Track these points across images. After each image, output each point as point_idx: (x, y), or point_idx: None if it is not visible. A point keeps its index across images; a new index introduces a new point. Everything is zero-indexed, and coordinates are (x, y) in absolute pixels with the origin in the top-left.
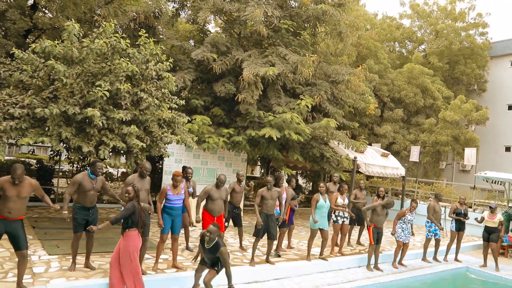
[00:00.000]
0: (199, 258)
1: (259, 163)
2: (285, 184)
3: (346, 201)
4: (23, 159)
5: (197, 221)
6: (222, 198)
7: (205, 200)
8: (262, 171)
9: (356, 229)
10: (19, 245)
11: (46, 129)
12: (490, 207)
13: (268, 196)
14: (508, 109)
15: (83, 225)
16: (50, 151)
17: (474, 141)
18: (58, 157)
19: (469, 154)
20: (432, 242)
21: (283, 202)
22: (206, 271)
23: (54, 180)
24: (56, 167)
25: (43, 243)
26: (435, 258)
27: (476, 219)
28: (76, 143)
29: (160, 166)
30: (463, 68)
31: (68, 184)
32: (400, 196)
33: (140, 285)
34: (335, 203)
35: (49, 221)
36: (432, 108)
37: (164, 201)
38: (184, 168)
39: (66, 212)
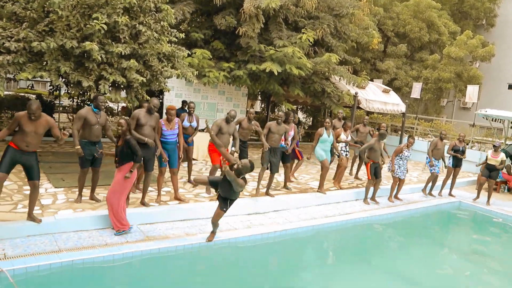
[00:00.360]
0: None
1: (259, 98)
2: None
3: (349, 137)
4: (22, 94)
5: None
6: (229, 133)
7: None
8: (263, 105)
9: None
10: (32, 175)
11: (44, 64)
12: (494, 145)
13: (275, 130)
14: None
15: (89, 160)
16: (50, 86)
17: (477, 78)
18: (57, 92)
19: (471, 91)
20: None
21: (289, 139)
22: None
23: (55, 115)
24: (56, 102)
25: (49, 177)
26: (429, 193)
27: (476, 165)
28: (76, 78)
29: (161, 100)
30: (473, 1)
31: (69, 119)
32: (399, 132)
33: (118, 215)
34: (338, 138)
35: (53, 155)
36: (437, 44)
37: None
38: (184, 102)
39: (79, 147)
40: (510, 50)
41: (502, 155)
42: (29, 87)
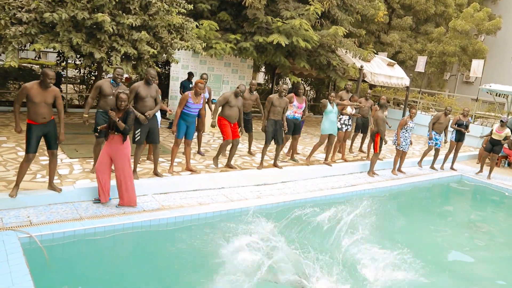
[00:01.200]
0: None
1: (262, 70)
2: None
3: (354, 111)
4: (25, 64)
5: (212, 126)
6: (238, 106)
7: (221, 107)
8: (266, 77)
9: (359, 137)
10: (50, 144)
11: (56, 35)
12: (501, 120)
13: (278, 103)
14: None
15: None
16: (57, 56)
17: (482, 52)
18: (64, 62)
19: (476, 66)
20: (432, 152)
21: (301, 111)
22: None
23: (62, 86)
24: (63, 72)
25: (62, 147)
26: (432, 167)
27: (481, 136)
28: (88, 49)
29: (167, 72)
30: None
31: (75, 90)
32: (402, 106)
33: (132, 189)
34: (344, 110)
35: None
36: (443, 16)
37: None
38: (190, 74)
39: (87, 115)
40: None
41: (507, 131)
42: (36, 58)
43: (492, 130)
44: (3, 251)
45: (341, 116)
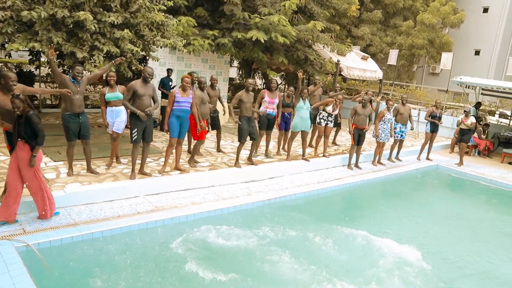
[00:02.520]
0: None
1: (235, 65)
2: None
3: (337, 111)
4: None
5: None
6: (207, 99)
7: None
8: (240, 72)
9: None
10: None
11: (35, 34)
12: (465, 111)
13: (246, 99)
14: (483, 12)
15: (75, 133)
16: (29, 55)
17: (448, 45)
18: (38, 61)
19: (446, 59)
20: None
21: (274, 106)
22: None
23: (36, 86)
24: (35, 72)
25: (44, 150)
26: (396, 158)
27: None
28: (69, 49)
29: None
30: None
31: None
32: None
33: (51, 199)
34: (326, 108)
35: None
36: (411, 10)
37: (173, 105)
38: (169, 70)
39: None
40: (476, 17)
41: (472, 119)
42: (7, 56)
43: (458, 121)
44: (1, 262)
45: (321, 111)
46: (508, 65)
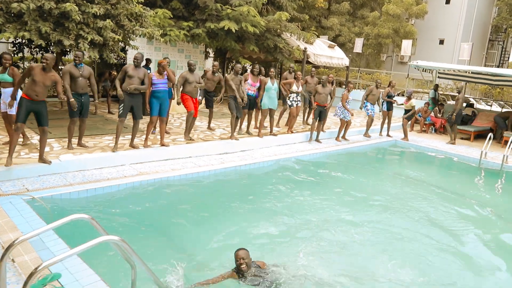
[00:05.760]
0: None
1: (210, 55)
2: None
3: (300, 88)
4: None
5: (178, 103)
6: (196, 81)
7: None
8: (216, 63)
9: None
10: (42, 122)
11: (24, 24)
12: (406, 94)
13: (235, 81)
14: (446, 3)
15: (78, 110)
16: (12, 46)
17: (412, 34)
18: (21, 53)
19: (406, 45)
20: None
21: (255, 89)
22: None
23: None
24: (19, 63)
25: (36, 131)
26: (366, 134)
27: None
28: (56, 37)
29: (123, 60)
30: None
31: None
32: (344, 85)
33: None
34: (290, 89)
35: None
36: (377, 1)
37: (151, 87)
38: (148, 60)
39: (73, 99)
40: (440, 7)
41: (411, 101)
42: None
43: (404, 103)
44: (14, 209)
45: (290, 95)
46: (460, 51)
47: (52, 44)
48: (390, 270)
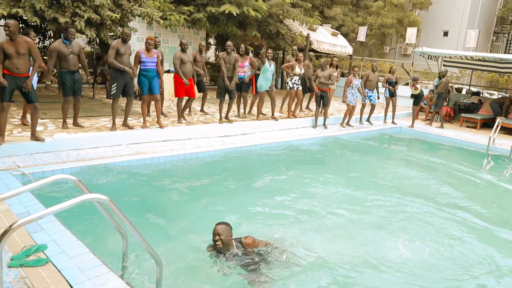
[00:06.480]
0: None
1: (210, 42)
2: None
3: (303, 70)
4: None
5: (186, 84)
6: (190, 60)
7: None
8: (217, 53)
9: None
10: (31, 98)
11: (18, 1)
12: (412, 80)
13: (227, 60)
14: None
15: (72, 88)
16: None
17: (416, 24)
18: None
19: (410, 33)
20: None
21: (244, 70)
22: None
23: None
24: None
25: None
26: (368, 120)
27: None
28: (52, 15)
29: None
30: None
31: None
32: (347, 73)
33: None
34: (293, 71)
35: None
36: None
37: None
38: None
39: (49, 83)
40: None
41: (417, 87)
42: None
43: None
44: (3, 184)
45: (292, 77)
46: (466, 38)
47: (47, 22)
48: (391, 247)
